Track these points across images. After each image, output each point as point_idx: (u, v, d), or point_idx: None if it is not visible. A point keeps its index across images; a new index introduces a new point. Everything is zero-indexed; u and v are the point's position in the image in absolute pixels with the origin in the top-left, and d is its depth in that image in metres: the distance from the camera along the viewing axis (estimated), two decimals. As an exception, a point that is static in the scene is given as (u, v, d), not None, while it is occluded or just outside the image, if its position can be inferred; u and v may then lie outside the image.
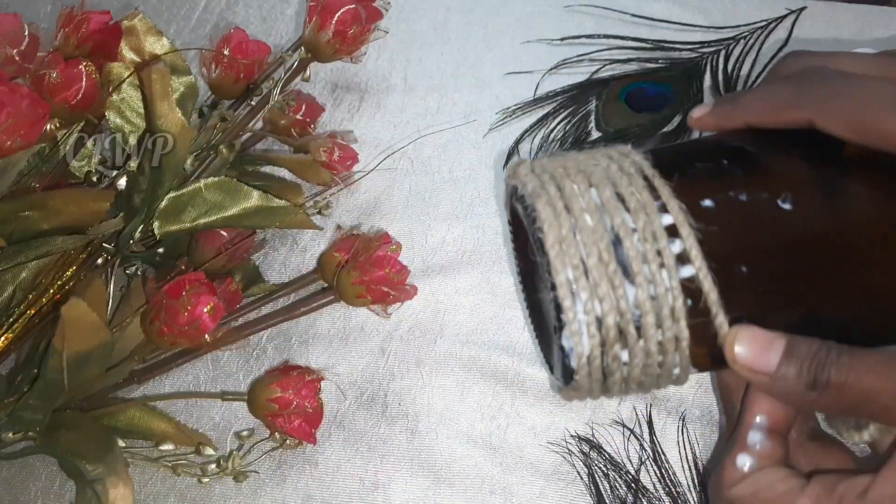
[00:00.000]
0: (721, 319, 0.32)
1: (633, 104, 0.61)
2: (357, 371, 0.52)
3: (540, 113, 0.61)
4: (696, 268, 0.32)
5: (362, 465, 0.49)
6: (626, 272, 0.32)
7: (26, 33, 0.48)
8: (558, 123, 0.60)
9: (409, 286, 0.52)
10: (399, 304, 0.52)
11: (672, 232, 0.32)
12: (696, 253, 0.32)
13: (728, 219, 0.33)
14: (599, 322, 0.32)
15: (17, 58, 0.48)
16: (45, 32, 0.50)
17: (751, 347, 0.33)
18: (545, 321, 0.38)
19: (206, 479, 0.48)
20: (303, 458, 0.50)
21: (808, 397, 0.32)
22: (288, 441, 0.49)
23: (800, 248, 0.33)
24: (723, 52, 0.62)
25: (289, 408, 0.48)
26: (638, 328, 0.32)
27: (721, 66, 0.62)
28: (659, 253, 0.32)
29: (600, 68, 0.63)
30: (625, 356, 0.33)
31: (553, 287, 0.32)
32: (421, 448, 0.49)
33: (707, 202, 0.33)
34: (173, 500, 0.49)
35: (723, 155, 0.35)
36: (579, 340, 0.32)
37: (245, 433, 0.49)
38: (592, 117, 0.61)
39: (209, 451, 0.49)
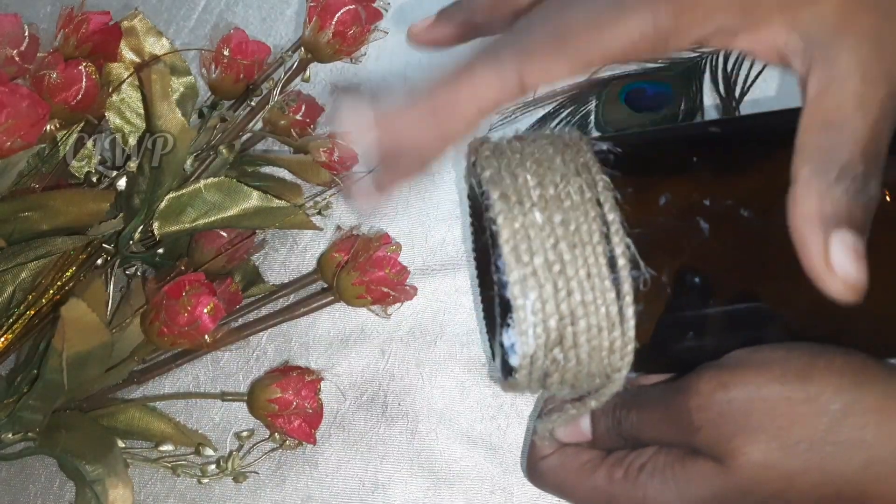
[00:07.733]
0: (630, 336, 0.33)
1: (633, 104, 0.61)
2: (357, 371, 0.52)
3: (540, 113, 0.61)
4: (622, 277, 0.32)
5: (362, 465, 0.49)
6: (567, 273, 0.32)
7: (26, 34, 0.48)
8: (558, 124, 0.60)
9: (409, 286, 0.52)
10: (399, 305, 0.52)
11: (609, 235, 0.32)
12: (623, 262, 0.32)
13: (682, 223, 0.33)
14: (545, 324, 0.32)
15: (16, 58, 0.48)
16: (44, 33, 0.50)
17: (567, 429, 0.39)
18: (492, 307, 0.37)
19: (205, 480, 0.48)
20: (302, 459, 0.50)
21: (624, 446, 0.38)
22: (288, 442, 0.49)
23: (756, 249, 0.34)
24: (723, 52, 0.62)
25: (288, 408, 0.48)
26: (574, 334, 0.32)
27: (721, 66, 0.62)
28: (594, 258, 0.32)
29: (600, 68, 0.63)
30: (562, 358, 0.33)
31: (503, 285, 0.32)
32: (421, 448, 0.49)
33: (663, 200, 0.33)
34: (173, 501, 0.49)
35: (690, 148, 0.35)
36: (525, 340, 0.32)
37: (245, 434, 0.49)
38: (592, 117, 0.61)
39: (209, 451, 0.49)
